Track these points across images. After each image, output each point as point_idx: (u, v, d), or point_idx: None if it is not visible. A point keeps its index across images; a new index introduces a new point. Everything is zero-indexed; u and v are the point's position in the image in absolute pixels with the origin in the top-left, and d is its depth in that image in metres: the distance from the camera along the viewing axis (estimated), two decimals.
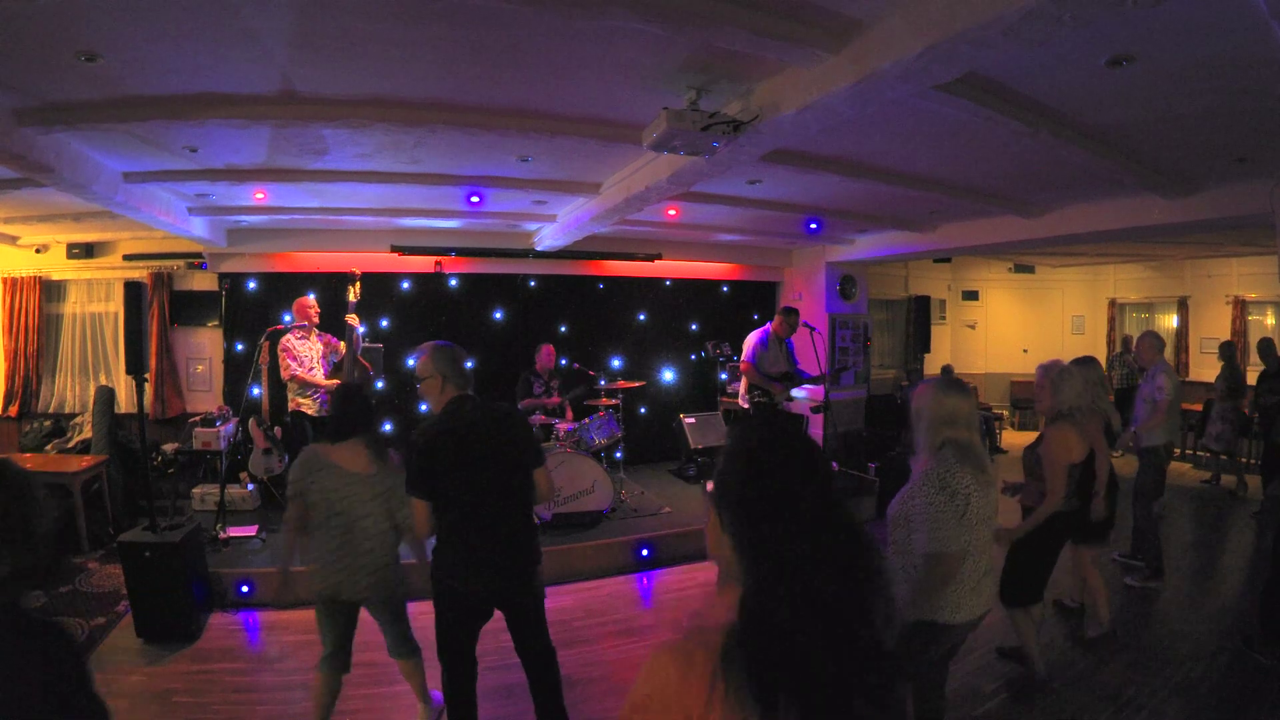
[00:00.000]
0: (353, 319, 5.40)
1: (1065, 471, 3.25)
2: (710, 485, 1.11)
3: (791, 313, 6.57)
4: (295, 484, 2.85)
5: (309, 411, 5.52)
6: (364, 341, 5.78)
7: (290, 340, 5.59)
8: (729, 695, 0.93)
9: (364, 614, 3.01)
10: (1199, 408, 8.41)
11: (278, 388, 5.86)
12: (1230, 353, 7.91)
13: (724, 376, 8.31)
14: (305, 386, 5.53)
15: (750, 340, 6.50)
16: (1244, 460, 7.93)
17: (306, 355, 5.62)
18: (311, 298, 5.85)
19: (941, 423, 2.32)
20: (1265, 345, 7.20)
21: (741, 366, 6.51)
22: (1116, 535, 4.56)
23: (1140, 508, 5.00)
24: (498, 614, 2.82)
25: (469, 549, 2.62)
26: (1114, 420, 4.13)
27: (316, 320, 5.74)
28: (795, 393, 6.58)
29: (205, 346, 7.22)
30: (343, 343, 5.67)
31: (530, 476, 2.73)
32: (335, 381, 5.54)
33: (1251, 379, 7.65)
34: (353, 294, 5.47)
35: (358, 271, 5.56)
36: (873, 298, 9.50)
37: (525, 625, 2.81)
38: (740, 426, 1.17)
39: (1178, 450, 7.95)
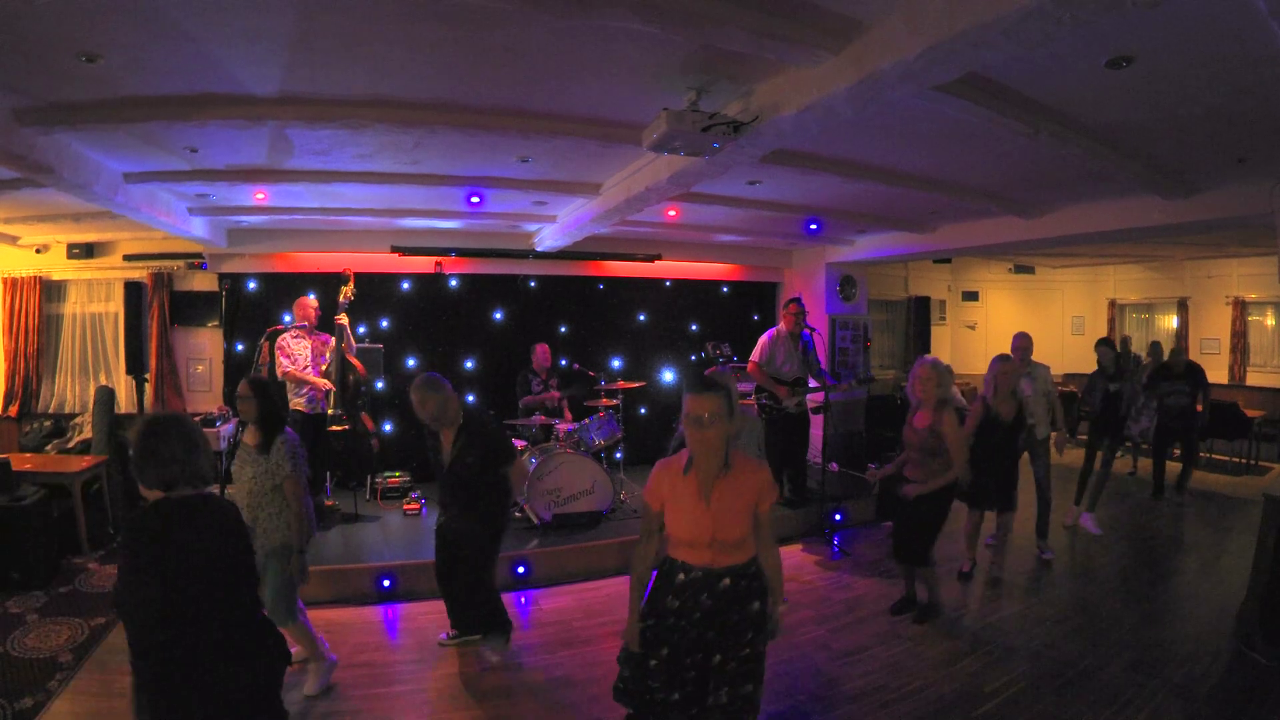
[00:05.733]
0: (342, 319, 5.42)
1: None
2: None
3: (793, 302, 6.36)
4: None
5: (301, 409, 5.54)
6: (352, 340, 5.79)
7: (286, 339, 5.66)
8: None
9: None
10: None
11: (278, 388, 5.88)
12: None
13: None
14: (298, 384, 5.56)
15: (761, 340, 6.33)
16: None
17: (300, 354, 5.68)
18: (312, 298, 5.90)
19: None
20: (1175, 349, 7.34)
21: (749, 367, 6.33)
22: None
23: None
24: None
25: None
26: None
27: (315, 320, 5.79)
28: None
29: (205, 347, 7.22)
30: (334, 339, 5.70)
31: None
32: (325, 382, 5.61)
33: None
34: (344, 294, 5.49)
35: (350, 272, 5.58)
36: (872, 298, 9.49)
37: None
38: None
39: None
